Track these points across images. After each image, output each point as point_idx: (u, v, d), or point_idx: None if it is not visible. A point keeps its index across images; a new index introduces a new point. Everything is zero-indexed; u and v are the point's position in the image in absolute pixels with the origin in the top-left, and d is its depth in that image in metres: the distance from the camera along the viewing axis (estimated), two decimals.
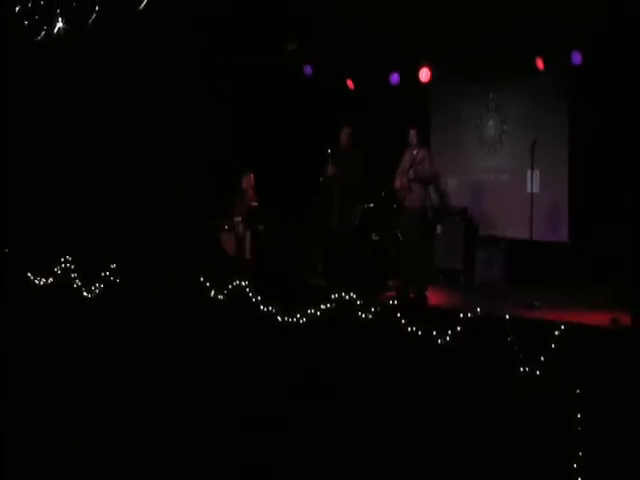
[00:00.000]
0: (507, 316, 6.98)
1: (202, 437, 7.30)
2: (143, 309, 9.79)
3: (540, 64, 10.59)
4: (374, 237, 10.56)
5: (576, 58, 10.18)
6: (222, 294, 9.51)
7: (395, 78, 12.24)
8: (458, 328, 7.17)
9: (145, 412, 7.87)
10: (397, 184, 9.93)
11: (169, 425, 7.55)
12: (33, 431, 7.49)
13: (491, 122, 12.14)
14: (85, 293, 10.88)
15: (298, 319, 8.52)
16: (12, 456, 6.92)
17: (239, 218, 11.41)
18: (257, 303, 9.00)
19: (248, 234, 11.26)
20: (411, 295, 9.11)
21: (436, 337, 7.28)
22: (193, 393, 8.11)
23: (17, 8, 9.91)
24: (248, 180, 11.59)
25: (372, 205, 10.86)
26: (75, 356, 9.59)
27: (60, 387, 8.72)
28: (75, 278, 11.08)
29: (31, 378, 8.97)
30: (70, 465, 6.82)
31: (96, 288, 10.74)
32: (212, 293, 9.60)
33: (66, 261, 11.29)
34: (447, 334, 7.21)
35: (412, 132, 9.90)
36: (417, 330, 7.49)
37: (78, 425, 7.67)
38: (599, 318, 7.22)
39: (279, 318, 8.70)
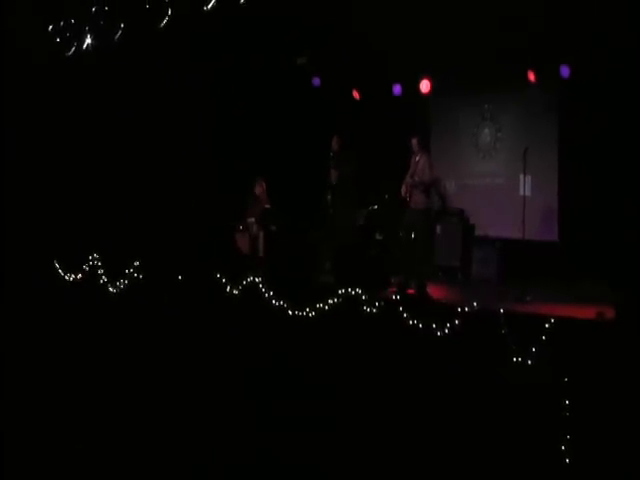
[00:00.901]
0: (501, 310, 7.08)
1: (208, 433, 7.11)
2: (164, 302, 9.90)
3: (532, 77, 10.66)
4: (378, 237, 10.64)
5: (564, 72, 10.27)
6: (237, 290, 9.62)
7: (397, 89, 12.30)
8: (456, 321, 7.27)
9: (156, 405, 7.75)
10: (403, 191, 10.01)
11: (179, 418, 7.36)
12: (36, 430, 7.18)
13: (486, 130, 12.21)
14: (110, 289, 11.01)
15: (307, 313, 8.63)
16: (13, 455, 6.62)
17: (253, 219, 11.50)
18: (269, 298, 9.11)
19: (261, 234, 11.35)
20: (412, 291, 9.18)
21: (435, 329, 7.39)
22: (204, 385, 8.10)
23: (50, 27, 10.04)
24: (260, 187, 11.72)
25: (376, 207, 10.97)
26: (94, 347, 9.66)
27: (79, 381, 8.58)
28: (101, 275, 11.21)
29: (52, 372, 8.90)
30: (73, 464, 6.51)
31: (120, 284, 10.87)
32: (228, 289, 9.72)
33: (94, 259, 11.42)
34: (446, 327, 7.31)
35: (414, 140, 9.93)
36: (418, 323, 7.60)
37: (85, 424, 7.37)
38: (586, 312, 7.25)
39: (290, 312, 8.81)
